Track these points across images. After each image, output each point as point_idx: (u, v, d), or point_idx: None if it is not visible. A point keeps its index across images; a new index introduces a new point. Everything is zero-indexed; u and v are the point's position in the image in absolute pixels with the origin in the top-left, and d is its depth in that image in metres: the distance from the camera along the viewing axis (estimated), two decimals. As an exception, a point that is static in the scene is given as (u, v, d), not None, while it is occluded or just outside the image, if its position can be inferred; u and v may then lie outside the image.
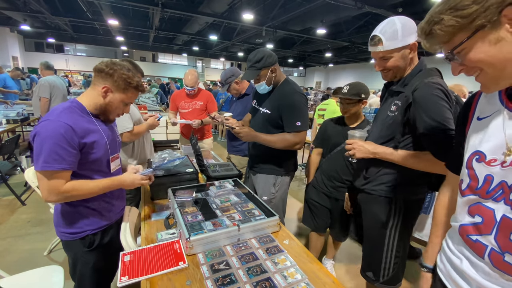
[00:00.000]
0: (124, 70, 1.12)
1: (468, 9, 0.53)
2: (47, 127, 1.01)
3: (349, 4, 6.99)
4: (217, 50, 17.76)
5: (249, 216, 1.29)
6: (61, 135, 1.00)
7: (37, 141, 1.00)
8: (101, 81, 1.12)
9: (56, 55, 18.30)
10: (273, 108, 1.65)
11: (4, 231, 2.54)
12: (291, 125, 1.60)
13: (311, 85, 25.13)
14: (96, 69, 1.12)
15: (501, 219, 0.59)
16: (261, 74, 1.61)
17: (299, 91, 1.64)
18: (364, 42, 12.41)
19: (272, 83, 1.67)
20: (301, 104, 1.60)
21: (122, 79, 1.12)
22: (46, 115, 1.05)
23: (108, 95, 1.14)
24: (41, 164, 0.99)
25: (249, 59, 1.63)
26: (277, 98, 1.66)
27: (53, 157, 0.99)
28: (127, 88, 1.15)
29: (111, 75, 1.11)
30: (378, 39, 1.11)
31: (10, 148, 3.12)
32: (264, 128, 1.69)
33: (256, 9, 9.13)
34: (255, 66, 1.60)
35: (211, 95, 2.96)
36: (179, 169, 1.68)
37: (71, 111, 1.08)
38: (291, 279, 0.94)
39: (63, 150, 1.01)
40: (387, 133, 1.22)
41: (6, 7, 9.56)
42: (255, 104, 1.84)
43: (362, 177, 1.35)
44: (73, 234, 1.17)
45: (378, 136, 1.27)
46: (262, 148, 1.68)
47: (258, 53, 1.61)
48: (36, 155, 1.00)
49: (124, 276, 0.93)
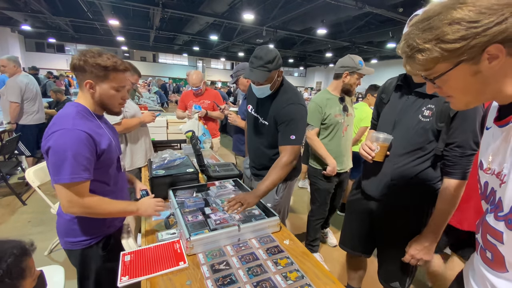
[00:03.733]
0: (95, 56, 1.02)
1: (455, 44, 0.52)
2: (65, 137, 0.95)
3: (350, 4, 6.97)
4: (218, 50, 17.76)
5: (250, 216, 1.29)
6: (83, 144, 0.97)
7: (56, 153, 0.95)
8: (81, 78, 1.04)
9: (56, 55, 18.37)
10: (270, 119, 1.53)
11: (5, 231, 2.54)
12: (285, 139, 1.46)
13: (311, 85, 25.13)
14: (71, 67, 1.04)
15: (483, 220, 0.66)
16: (270, 76, 1.41)
17: (297, 101, 1.47)
18: (365, 42, 12.42)
19: None
20: (296, 115, 1.45)
21: (95, 66, 1.02)
22: (58, 124, 0.98)
23: (95, 89, 1.06)
24: (69, 176, 0.94)
25: (259, 57, 1.38)
26: (273, 109, 1.51)
27: (80, 168, 0.96)
28: (106, 73, 1.04)
29: (84, 69, 1.02)
30: None
31: (10, 148, 3.12)
32: (265, 140, 1.61)
33: (256, 9, 9.13)
34: (267, 67, 1.37)
35: (218, 93, 2.98)
36: (179, 169, 1.68)
37: (81, 117, 1.03)
38: (292, 280, 0.94)
39: (87, 160, 0.98)
40: (419, 141, 1.13)
41: (7, 7, 9.56)
42: (251, 110, 1.68)
43: (385, 186, 1.24)
44: (89, 239, 1.12)
45: (407, 142, 1.16)
46: (263, 158, 1.63)
47: (270, 52, 1.38)
48: (56, 167, 0.95)
49: (124, 276, 0.93)
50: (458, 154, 1.06)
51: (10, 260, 0.65)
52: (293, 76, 27.64)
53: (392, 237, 1.29)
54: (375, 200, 1.31)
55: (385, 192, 1.25)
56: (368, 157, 1.21)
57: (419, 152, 1.15)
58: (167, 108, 11.61)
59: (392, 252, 1.29)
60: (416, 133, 1.14)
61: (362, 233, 1.43)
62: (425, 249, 1.13)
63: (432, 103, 1.10)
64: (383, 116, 1.32)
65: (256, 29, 10.85)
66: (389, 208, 1.26)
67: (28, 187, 3.33)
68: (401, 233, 1.23)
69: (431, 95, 1.11)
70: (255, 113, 1.65)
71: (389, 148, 1.21)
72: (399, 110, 1.21)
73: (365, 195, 1.35)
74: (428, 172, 1.16)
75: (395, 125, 1.22)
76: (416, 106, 1.15)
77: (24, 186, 3.37)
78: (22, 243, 0.71)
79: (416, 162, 1.16)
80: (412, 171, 1.17)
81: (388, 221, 1.28)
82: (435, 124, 1.08)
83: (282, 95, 1.51)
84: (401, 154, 1.19)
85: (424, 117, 1.12)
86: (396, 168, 1.20)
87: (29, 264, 0.70)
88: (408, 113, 1.17)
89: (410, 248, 1.16)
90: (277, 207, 1.69)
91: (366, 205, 1.36)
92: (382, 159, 1.21)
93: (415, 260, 1.15)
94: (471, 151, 1.05)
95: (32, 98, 3.36)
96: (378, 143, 1.18)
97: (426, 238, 1.13)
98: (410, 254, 1.16)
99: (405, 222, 1.23)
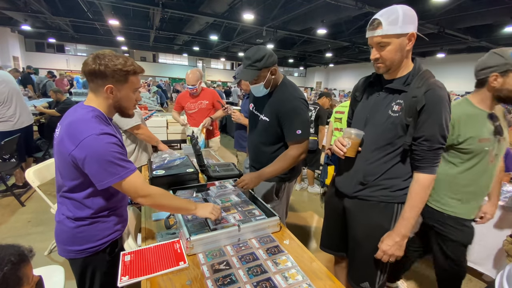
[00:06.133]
0: (114, 60, 1.00)
1: None
2: (97, 143, 0.94)
3: (350, 4, 6.98)
4: (218, 50, 17.77)
5: (250, 216, 1.29)
6: (116, 145, 0.99)
7: (95, 161, 0.94)
8: (100, 83, 1.01)
9: (56, 55, 18.36)
10: (272, 115, 1.53)
11: (5, 231, 2.54)
12: (291, 134, 1.48)
13: (311, 85, 25.16)
14: (87, 72, 1.00)
15: None
16: (261, 75, 1.45)
17: (298, 96, 1.50)
18: (365, 42, 12.38)
19: (270, 86, 1.53)
20: (300, 111, 1.47)
21: (117, 71, 1.00)
22: (83, 131, 0.95)
23: (115, 93, 1.04)
24: (122, 174, 0.97)
25: (247, 57, 1.45)
26: (275, 104, 1.52)
27: (124, 163, 0.99)
28: (127, 76, 1.04)
29: (105, 74, 1.00)
30: (377, 22, 1.06)
31: (10, 148, 3.11)
32: (264, 137, 1.61)
33: (256, 9, 9.13)
34: (255, 66, 1.43)
35: (215, 92, 2.95)
36: (179, 169, 1.68)
37: (99, 121, 1.01)
38: (292, 280, 0.94)
39: (125, 155, 1.02)
40: (388, 136, 1.14)
41: (7, 7, 9.56)
42: (253, 108, 1.69)
43: (357, 182, 1.24)
44: (96, 246, 1.09)
45: (378, 138, 1.17)
46: (263, 156, 1.62)
47: (258, 50, 1.43)
48: (101, 172, 0.95)
49: (124, 276, 0.93)
50: (425, 148, 1.07)
51: (7, 269, 0.62)
52: (293, 76, 27.64)
53: (363, 235, 1.27)
54: (348, 197, 1.30)
55: (357, 189, 1.25)
56: (340, 153, 1.21)
57: (389, 148, 1.15)
58: (166, 108, 11.61)
59: (363, 250, 1.28)
60: (386, 128, 1.14)
61: (338, 232, 1.41)
62: (396, 245, 1.13)
63: (401, 98, 1.11)
64: (356, 113, 1.33)
65: (256, 29, 10.85)
66: (361, 205, 1.26)
67: (27, 188, 3.33)
68: (373, 230, 1.23)
69: (400, 90, 1.12)
70: (255, 111, 1.66)
71: (361, 144, 1.22)
72: (371, 106, 1.23)
73: (339, 192, 1.35)
74: (399, 167, 1.16)
75: (367, 121, 1.23)
76: (386, 101, 1.17)
77: (21, 188, 3.35)
78: (20, 248, 0.68)
79: (386, 158, 1.17)
80: (383, 167, 1.18)
81: (360, 219, 1.28)
82: (404, 118, 1.09)
83: (282, 91, 1.53)
84: (372, 150, 1.19)
85: (393, 112, 1.13)
86: (368, 164, 1.20)
87: (27, 272, 0.67)
88: (379, 109, 1.19)
89: (382, 244, 1.17)
90: (277, 207, 1.70)
91: (339, 203, 1.35)
92: (354, 155, 1.22)
93: (387, 256, 1.16)
94: (438, 145, 1.06)
95: (4, 101, 2.88)
96: (350, 138, 1.19)
97: (397, 234, 1.13)
98: (382, 250, 1.16)
99: (377, 219, 1.23)
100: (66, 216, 1.05)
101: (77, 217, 1.04)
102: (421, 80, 1.08)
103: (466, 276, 2.21)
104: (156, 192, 1.07)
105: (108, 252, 1.13)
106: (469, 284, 2.16)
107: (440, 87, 1.05)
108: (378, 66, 1.13)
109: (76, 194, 1.03)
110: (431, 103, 1.03)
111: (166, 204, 1.11)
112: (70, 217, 1.04)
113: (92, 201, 1.05)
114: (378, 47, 1.09)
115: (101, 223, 1.09)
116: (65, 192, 1.04)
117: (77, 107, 1.06)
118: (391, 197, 1.20)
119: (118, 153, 0.98)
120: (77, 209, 1.04)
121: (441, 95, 1.04)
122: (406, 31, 1.05)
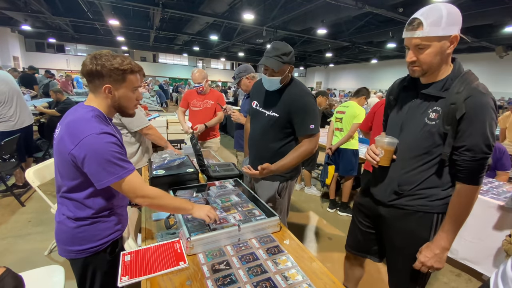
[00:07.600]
0: (111, 60, 1.00)
1: None
2: (98, 142, 0.94)
3: (350, 4, 6.97)
4: (218, 50, 17.77)
5: (250, 216, 1.29)
6: (115, 144, 0.98)
7: (94, 160, 0.94)
8: (98, 83, 1.01)
9: (57, 55, 18.36)
10: (283, 111, 1.55)
11: (5, 231, 2.54)
12: (304, 128, 1.51)
13: (311, 85, 25.16)
14: (85, 73, 1.01)
15: None
16: (283, 68, 1.47)
17: (309, 92, 1.57)
18: (365, 42, 12.42)
19: (283, 83, 1.56)
20: (313, 106, 1.53)
21: (113, 70, 1.00)
22: (83, 130, 0.95)
23: (113, 93, 1.04)
24: (120, 174, 0.97)
25: (276, 48, 1.46)
26: (288, 100, 1.54)
27: (123, 163, 0.99)
28: (124, 75, 1.03)
29: (101, 74, 1.00)
30: (418, 22, 0.97)
31: (10, 148, 3.11)
32: (271, 133, 1.61)
33: (256, 9, 9.14)
34: (281, 58, 1.45)
35: (222, 95, 2.98)
36: (179, 169, 1.68)
37: (99, 121, 1.01)
38: (292, 280, 0.94)
39: (123, 155, 1.01)
40: (426, 144, 1.08)
41: (7, 7, 9.56)
42: (257, 105, 1.70)
43: (391, 192, 1.19)
44: (97, 246, 1.08)
45: (414, 146, 1.11)
46: (268, 153, 1.62)
47: (286, 46, 1.47)
48: (100, 172, 0.96)
49: (124, 276, 0.93)
50: (467, 159, 1.00)
51: None
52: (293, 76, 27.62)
53: (400, 243, 1.23)
54: (383, 206, 1.25)
55: (392, 198, 1.19)
56: (373, 162, 1.18)
57: (426, 157, 1.09)
58: (166, 108, 11.61)
59: (400, 259, 1.24)
60: (422, 136, 1.08)
61: (370, 236, 1.39)
62: (436, 257, 1.08)
63: (438, 105, 1.04)
64: (390, 118, 1.27)
65: (256, 29, 10.86)
66: (397, 214, 1.20)
67: (27, 188, 3.33)
68: (410, 239, 1.18)
69: (437, 96, 1.05)
70: (261, 108, 1.66)
71: (395, 151, 1.16)
72: (406, 112, 1.16)
73: (374, 199, 1.29)
74: (438, 176, 1.10)
75: (402, 128, 1.17)
76: (422, 108, 1.10)
77: (21, 188, 3.35)
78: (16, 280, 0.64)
79: (424, 167, 1.10)
80: (420, 176, 1.11)
81: (397, 227, 1.22)
82: (442, 127, 1.02)
83: (294, 88, 1.58)
84: (408, 159, 1.13)
85: (430, 119, 1.06)
86: (404, 173, 1.14)
87: None
88: (414, 116, 1.12)
89: (420, 255, 1.11)
90: (278, 207, 1.70)
91: (375, 209, 1.30)
92: (388, 164, 1.17)
93: (425, 268, 1.11)
94: (482, 155, 0.98)
95: (5, 101, 2.90)
96: (383, 147, 1.15)
97: (436, 246, 1.08)
98: (420, 261, 1.11)
99: (415, 229, 1.17)
100: (66, 216, 1.05)
101: (78, 217, 1.04)
102: (462, 85, 1.00)
103: (466, 276, 2.23)
104: (154, 193, 1.07)
105: (109, 252, 1.13)
106: (469, 284, 2.16)
107: (482, 93, 0.97)
108: (413, 69, 1.06)
109: (76, 195, 1.03)
110: (473, 111, 0.95)
111: (164, 205, 1.11)
112: (71, 217, 1.04)
113: (93, 201, 1.05)
114: (416, 49, 1.02)
115: (102, 223, 1.09)
116: (65, 192, 1.04)
117: (77, 107, 1.06)
118: (429, 206, 1.13)
119: (118, 152, 0.98)
120: (78, 209, 1.04)
121: (483, 102, 0.95)
122: (449, 33, 0.96)
